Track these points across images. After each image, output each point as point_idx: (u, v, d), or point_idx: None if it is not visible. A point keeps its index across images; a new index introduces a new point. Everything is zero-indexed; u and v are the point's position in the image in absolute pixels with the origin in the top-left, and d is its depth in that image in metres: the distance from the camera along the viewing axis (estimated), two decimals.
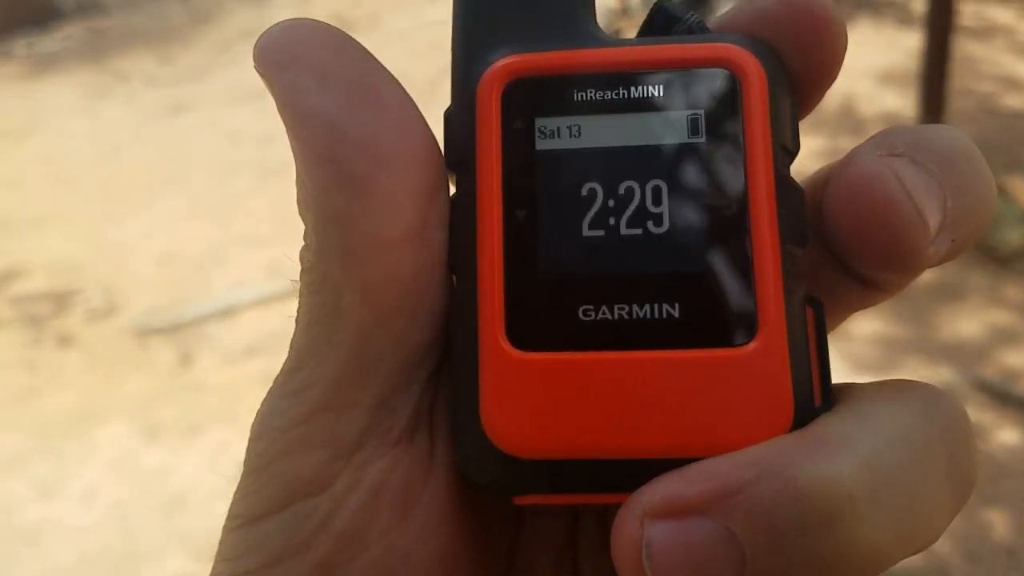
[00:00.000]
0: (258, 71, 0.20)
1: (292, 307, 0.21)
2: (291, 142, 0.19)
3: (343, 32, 0.20)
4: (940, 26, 2.69)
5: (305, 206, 0.20)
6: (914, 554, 0.18)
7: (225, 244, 2.93)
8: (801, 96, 0.21)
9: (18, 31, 5.58)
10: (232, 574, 0.20)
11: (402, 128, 0.20)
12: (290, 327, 0.21)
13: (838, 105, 3.21)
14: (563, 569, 0.24)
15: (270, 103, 0.20)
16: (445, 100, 0.21)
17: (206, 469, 1.91)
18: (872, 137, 0.20)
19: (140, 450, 2.01)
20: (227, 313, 2.49)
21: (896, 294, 0.21)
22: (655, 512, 0.17)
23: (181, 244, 2.96)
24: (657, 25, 0.21)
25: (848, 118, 3.10)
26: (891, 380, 0.20)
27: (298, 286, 0.20)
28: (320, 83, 0.19)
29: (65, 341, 2.49)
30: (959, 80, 3.06)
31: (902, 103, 3.08)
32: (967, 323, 2.13)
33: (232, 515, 0.21)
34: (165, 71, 4.80)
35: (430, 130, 0.21)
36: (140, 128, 4.05)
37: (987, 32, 3.70)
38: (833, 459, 0.17)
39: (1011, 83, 3.31)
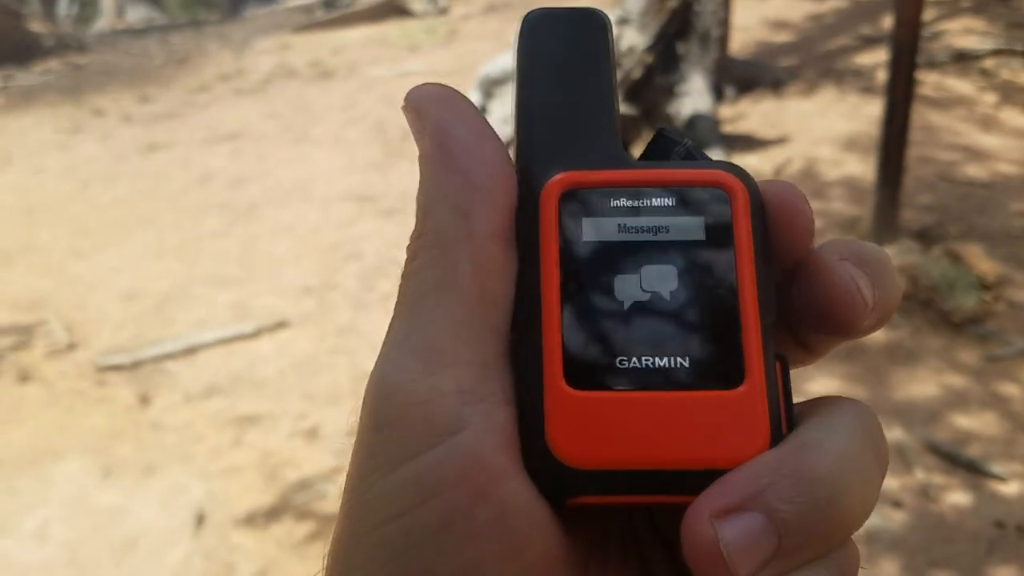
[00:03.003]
0: (411, 107, 0.29)
1: (255, 348, 0.24)
2: (433, 156, 0.28)
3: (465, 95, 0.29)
4: (901, 95, 2.77)
5: (434, 201, 0.27)
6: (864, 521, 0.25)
7: (191, 283, 2.93)
8: (780, 258, 0.28)
9: None
10: (385, 517, 0.24)
11: (506, 160, 0.28)
12: (253, 369, 0.26)
13: (800, 168, 3.28)
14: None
15: (243, 146, 0.23)
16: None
17: (159, 512, 1.90)
18: (827, 243, 0.28)
19: (94, 489, 2.00)
20: (188, 352, 2.48)
21: (822, 357, 0.30)
22: (718, 513, 0.24)
23: (147, 282, 2.96)
24: (659, 147, 0.29)
25: (810, 180, 3.17)
26: (823, 398, 0.28)
27: (403, 270, 0.27)
28: (460, 120, 0.28)
29: (24, 376, 2.47)
30: (919, 148, 3.14)
31: (862, 168, 3.16)
32: (921, 385, 2.17)
33: (362, 475, 0.25)
34: (141, 109, 4.82)
35: None
36: (113, 164, 4.05)
37: (947, 103, 3.82)
38: (822, 452, 0.25)
39: (969, 153, 3.41)
